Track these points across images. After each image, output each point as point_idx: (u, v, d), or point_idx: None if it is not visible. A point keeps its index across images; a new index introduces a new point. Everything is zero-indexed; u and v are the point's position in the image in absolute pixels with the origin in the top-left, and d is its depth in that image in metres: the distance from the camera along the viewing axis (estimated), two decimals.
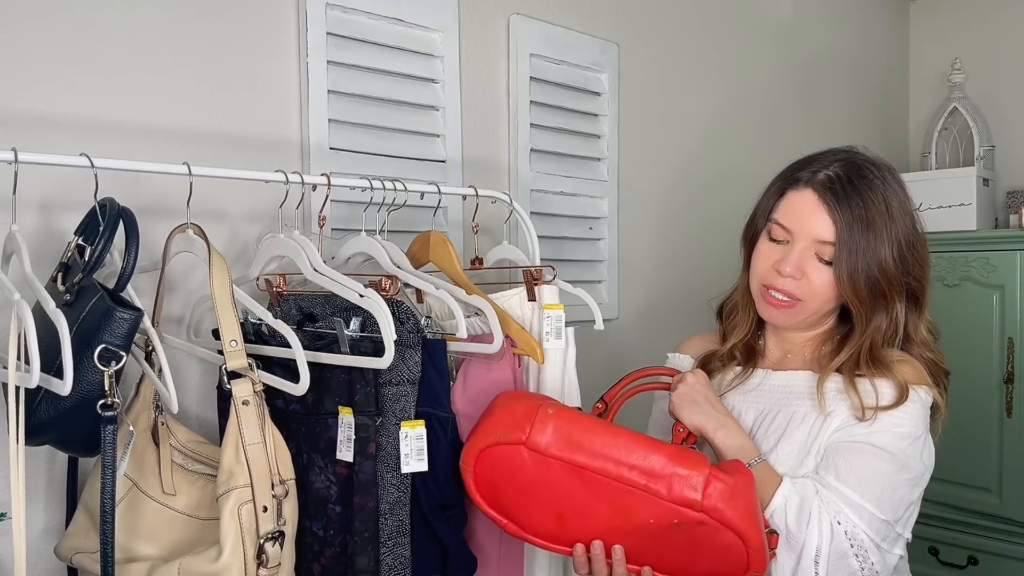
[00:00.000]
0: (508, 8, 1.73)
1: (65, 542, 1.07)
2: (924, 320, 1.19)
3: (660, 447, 1.01)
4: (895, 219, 1.12)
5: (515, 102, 1.73)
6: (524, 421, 1.00)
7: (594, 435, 1.00)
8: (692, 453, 1.03)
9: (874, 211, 1.11)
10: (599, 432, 1.01)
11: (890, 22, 2.92)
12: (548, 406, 1.02)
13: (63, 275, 0.97)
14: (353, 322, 1.07)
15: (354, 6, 1.46)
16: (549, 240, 1.75)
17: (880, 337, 1.14)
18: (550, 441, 1.00)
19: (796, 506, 1.05)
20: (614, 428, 1.03)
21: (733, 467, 1.02)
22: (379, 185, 1.18)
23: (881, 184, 1.14)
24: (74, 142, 1.15)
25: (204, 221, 1.08)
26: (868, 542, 1.04)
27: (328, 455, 1.07)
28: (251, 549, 0.94)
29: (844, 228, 1.10)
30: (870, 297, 1.12)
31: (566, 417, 1.01)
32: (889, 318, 1.14)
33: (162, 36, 1.25)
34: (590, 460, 0.99)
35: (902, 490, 1.08)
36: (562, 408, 1.04)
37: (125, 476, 1.03)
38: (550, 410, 1.01)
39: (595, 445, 1.00)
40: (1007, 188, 2.69)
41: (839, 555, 1.03)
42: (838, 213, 1.10)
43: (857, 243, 1.10)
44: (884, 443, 1.08)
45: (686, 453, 1.02)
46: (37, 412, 0.92)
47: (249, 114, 1.35)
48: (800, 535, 1.04)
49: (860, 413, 1.09)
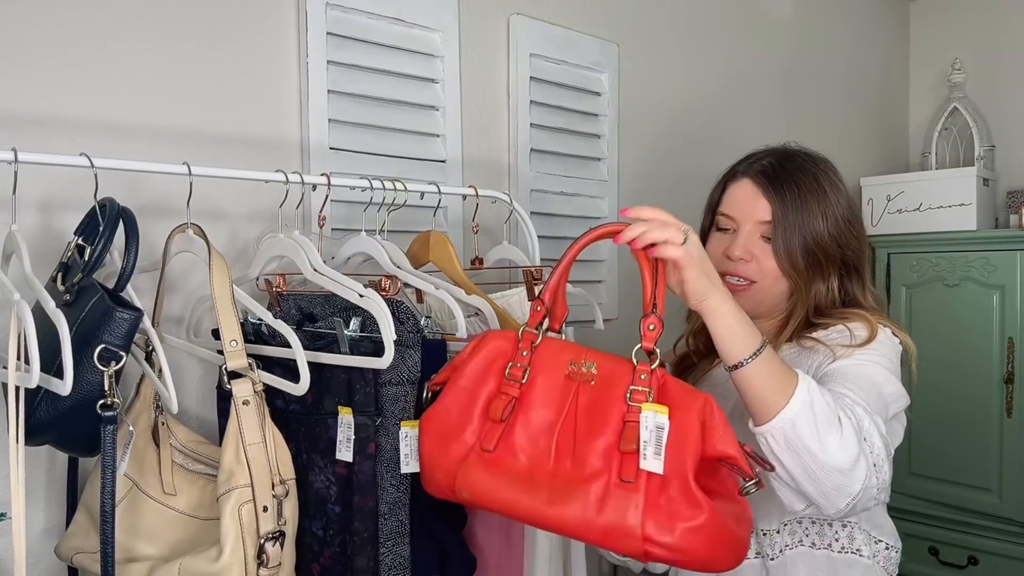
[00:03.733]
0: (508, 8, 1.73)
1: (65, 542, 1.07)
2: (868, 290, 1.24)
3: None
4: (827, 197, 1.20)
5: (515, 102, 1.73)
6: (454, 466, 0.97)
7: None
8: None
9: (806, 190, 1.19)
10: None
11: (890, 22, 2.92)
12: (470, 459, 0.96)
13: (63, 275, 0.97)
14: (353, 322, 1.07)
15: (354, 6, 1.46)
16: (549, 240, 1.75)
17: (822, 301, 1.20)
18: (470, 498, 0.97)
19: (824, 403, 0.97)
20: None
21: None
22: (379, 185, 1.18)
23: (812, 167, 1.22)
24: (74, 142, 1.15)
25: (204, 221, 1.08)
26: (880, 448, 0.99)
27: (328, 455, 1.07)
28: (251, 549, 0.94)
29: (779, 207, 1.18)
30: (807, 267, 1.18)
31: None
32: (826, 285, 1.20)
33: (161, 36, 1.25)
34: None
35: (885, 401, 1.09)
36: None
37: (125, 476, 1.03)
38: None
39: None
40: (1007, 188, 2.69)
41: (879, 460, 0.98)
42: (773, 194, 1.19)
43: (791, 219, 1.18)
44: (863, 362, 1.11)
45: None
46: (37, 412, 0.92)
47: (249, 114, 1.35)
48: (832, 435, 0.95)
49: (832, 353, 1.12)
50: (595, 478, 0.90)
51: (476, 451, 0.95)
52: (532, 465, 0.93)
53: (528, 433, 0.95)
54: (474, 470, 0.95)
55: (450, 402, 0.99)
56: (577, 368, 0.97)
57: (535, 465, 0.93)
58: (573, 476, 0.92)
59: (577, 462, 0.92)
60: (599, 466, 0.91)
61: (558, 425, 0.95)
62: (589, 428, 0.93)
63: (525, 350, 0.99)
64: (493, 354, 1.00)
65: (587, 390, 0.96)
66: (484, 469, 0.94)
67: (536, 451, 0.94)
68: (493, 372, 0.99)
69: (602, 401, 0.94)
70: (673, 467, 0.89)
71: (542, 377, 0.97)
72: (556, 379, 0.97)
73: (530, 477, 0.93)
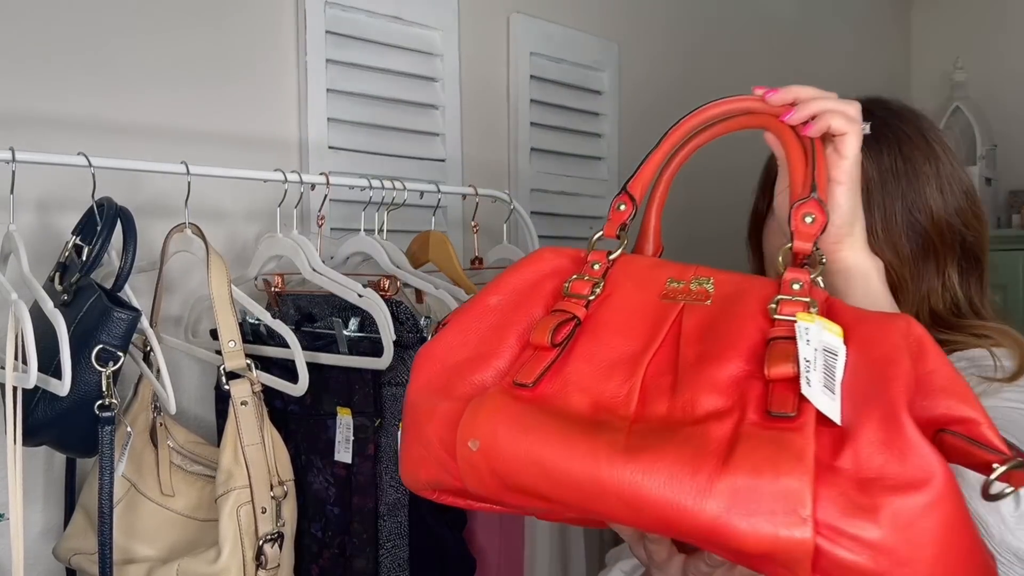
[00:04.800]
0: (508, 6, 1.73)
1: (64, 543, 1.06)
2: (987, 292, 0.90)
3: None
4: (941, 158, 0.86)
5: (515, 101, 1.72)
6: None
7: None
8: None
9: (913, 146, 0.86)
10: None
11: (892, 20, 2.92)
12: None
13: (61, 275, 0.97)
14: (352, 322, 1.06)
15: (353, 4, 1.45)
16: (549, 240, 1.75)
17: (937, 303, 0.85)
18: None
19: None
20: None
21: None
22: (378, 184, 1.18)
23: (915, 120, 0.89)
24: (71, 141, 1.14)
25: (202, 221, 1.08)
26: None
27: (327, 456, 1.07)
28: (250, 550, 0.94)
29: (875, 169, 0.84)
30: (913, 255, 0.85)
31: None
32: (940, 281, 0.85)
33: (160, 35, 1.25)
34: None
35: None
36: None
37: (123, 477, 1.02)
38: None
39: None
40: (1009, 188, 2.68)
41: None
42: (866, 151, 0.75)
43: (892, 186, 0.84)
44: (1017, 406, 0.75)
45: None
46: (35, 412, 0.92)
47: (247, 113, 1.35)
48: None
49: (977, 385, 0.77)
50: (715, 418, 0.53)
51: (503, 387, 0.59)
52: (599, 407, 0.57)
53: (596, 365, 0.59)
54: (495, 408, 0.57)
55: (467, 324, 0.65)
56: (682, 286, 0.64)
57: (604, 407, 0.57)
58: (672, 418, 0.54)
59: (681, 402, 0.55)
60: (721, 403, 0.54)
61: (648, 357, 0.59)
62: (702, 356, 0.57)
63: (598, 261, 0.67)
64: (545, 269, 0.68)
65: (698, 312, 0.61)
66: (513, 408, 0.57)
67: (608, 390, 0.57)
68: (542, 294, 0.66)
69: (725, 320, 0.59)
70: (860, 411, 0.51)
71: (623, 295, 0.64)
72: (646, 299, 0.64)
73: (595, 421, 0.55)
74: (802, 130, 0.68)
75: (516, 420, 0.56)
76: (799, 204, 0.63)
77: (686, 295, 0.63)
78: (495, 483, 0.57)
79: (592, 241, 0.69)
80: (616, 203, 0.71)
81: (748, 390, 0.54)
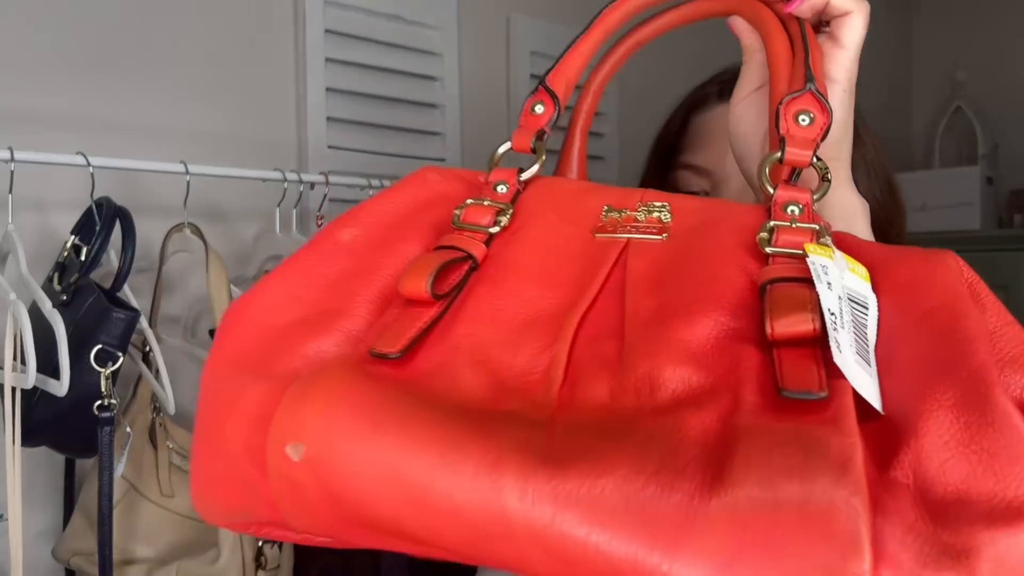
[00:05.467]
0: (508, 6, 1.72)
1: (63, 544, 1.06)
2: None
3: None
4: (862, 139, 0.72)
5: (515, 100, 1.72)
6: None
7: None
8: None
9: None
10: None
11: (892, 20, 2.91)
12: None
13: (59, 275, 0.96)
14: None
15: (352, 3, 1.45)
16: None
17: None
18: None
19: None
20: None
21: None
22: (378, 184, 1.18)
23: None
24: (70, 140, 1.14)
25: (201, 220, 1.07)
26: None
27: None
28: (250, 551, 0.94)
29: None
30: None
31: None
32: None
33: (158, 34, 1.25)
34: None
35: None
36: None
37: (123, 478, 1.02)
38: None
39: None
40: (1011, 187, 2.68)
41: None
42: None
43: None
44: None
45: None
46: (34, 413, 0.92)
47: (246, 112, 1.34)
48: None
49: None
50: (691, 403, 0.34)
51: (351, 359, 0.39)
52: (504, 389, 0.37)
53: (499, 327, 0.40)
54: (332, 391, 0.36)
55: (304, 270, 0.45)
56: (625, 215, 0.46)
57: (512, 389, 0.37)
58: (621, 406, 0.35)
59: (633, 379, 0.36)
60: (698, 379, 0.35)
61: (578, 314, 0.40)
62: (662, 310, 0.39)
63: (503, 182, 0.51)
64: (426, 195, 0.52)
65: (650, 250, 0.43)
66: (363, 392, 0.36)
67: (518, 364, 0.38)
68: (420, 227, 0.48)
69: (691, 259, 0.42)
70: (915, 391, 0.33)
71: (540, 228, 0.47)
72: (574, 233, 0.46)
73: (496, 411, 0.36)
74: (787, 7, 0.52)
75: (367, 411, 0.34)
76: (791, 99, 0.46)
77: (631, 227, 0.45)
78: (329, 513, 0.35)
79: (495, 156, 0.51)
80: (530, 103, 0.54)
81: (739, 358, 0.35)
